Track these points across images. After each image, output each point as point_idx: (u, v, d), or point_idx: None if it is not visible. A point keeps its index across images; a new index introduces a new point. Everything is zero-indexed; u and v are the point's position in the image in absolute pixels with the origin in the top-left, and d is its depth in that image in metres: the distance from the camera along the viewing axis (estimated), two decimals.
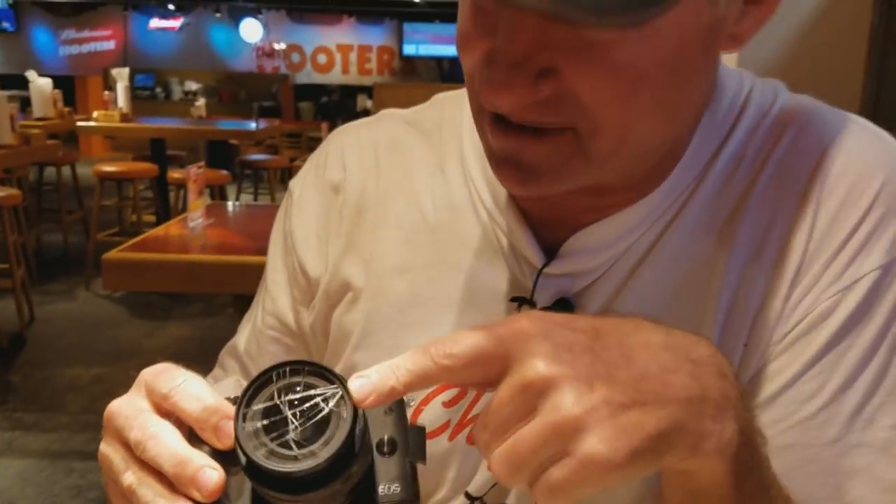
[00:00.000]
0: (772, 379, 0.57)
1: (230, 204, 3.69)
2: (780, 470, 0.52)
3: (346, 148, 0.74)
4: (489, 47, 0.50)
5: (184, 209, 5.86)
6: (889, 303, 0.55)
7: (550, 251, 0.62)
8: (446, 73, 13.03)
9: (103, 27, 13.05)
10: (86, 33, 13.04)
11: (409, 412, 0.63)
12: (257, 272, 0.81)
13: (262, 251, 0.80)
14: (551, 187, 0.55)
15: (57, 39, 13.01)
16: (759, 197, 0.58)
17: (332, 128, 0.79)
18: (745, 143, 0.60)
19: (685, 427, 0.41)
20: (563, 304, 0.61)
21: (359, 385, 0.41)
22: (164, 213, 5.97)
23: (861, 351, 0.55)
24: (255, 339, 0.76)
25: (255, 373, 0.42)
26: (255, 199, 7.52)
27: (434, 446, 0.65)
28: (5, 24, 12.72)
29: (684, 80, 0.52)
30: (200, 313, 4.75)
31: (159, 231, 2.56)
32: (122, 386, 0.49)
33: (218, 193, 5.74)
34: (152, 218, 6.03)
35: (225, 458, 0.43)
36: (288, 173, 7.03)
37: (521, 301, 0.63)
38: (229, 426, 0.43)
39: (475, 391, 0.64)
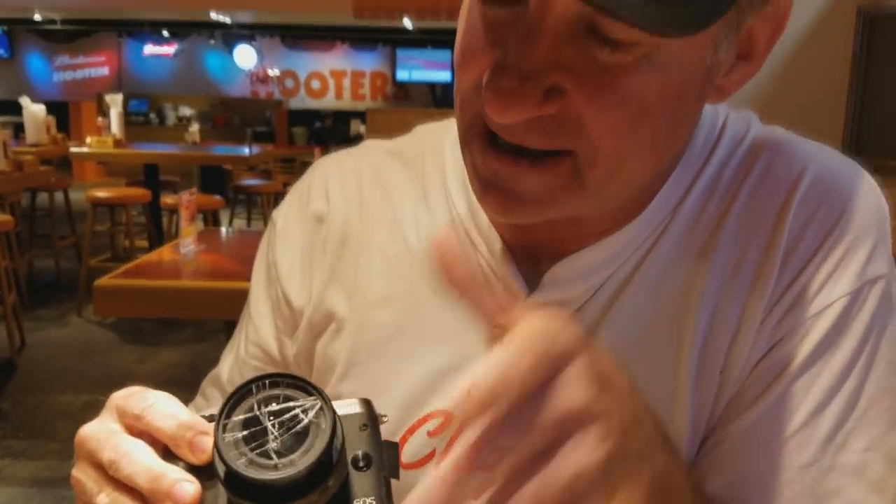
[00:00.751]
0: (748, 402, 0.58)
1: (222, 230, 3.70)
2: (756, 493, 0.54)
3: (329, 178, 0.74)
4: (496, 60, 0.49)
5: (177, 234, 5.89)
6: (859, 327, 0.57)
7: (530, 280, 0.63)
8: (439, 99, 13.12)
9: (97, 53, 13.13)
10: (80, 59, 13.11)
11: (398, 436, 0.64)
12: (243, 297, 0.80)
13: (247, 276, 0.80)
14: (537, 215, 0.55)
15: (51, 65, 13.08)
16: (731, 225, 0.60)
17: (325, 153, 0.80)
18: (719, 173, 0.62)
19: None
20: None
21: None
22: (157, 238, 5.98)
23: (833, 375, 0.56)
24: (238, 368, 0.76)
25: None
26: (249, 224, 7.54)
27: (418, 477, 0.65)
28: (0, 51, 12.80)
29: (679, 122, 0.54)
30: (192, 339, 4.73)
31: (151, 257, 2.56)
32: None
33: (211, 218, 5.75)
34: (145, 243, 6.03)
35: (199, 473, 0.43)
36: (281, 198, 7.04)
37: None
38: (204, 441, 0.43)
39: (460, 421, 0.65)
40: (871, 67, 1.64)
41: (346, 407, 0.45)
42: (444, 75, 12.91)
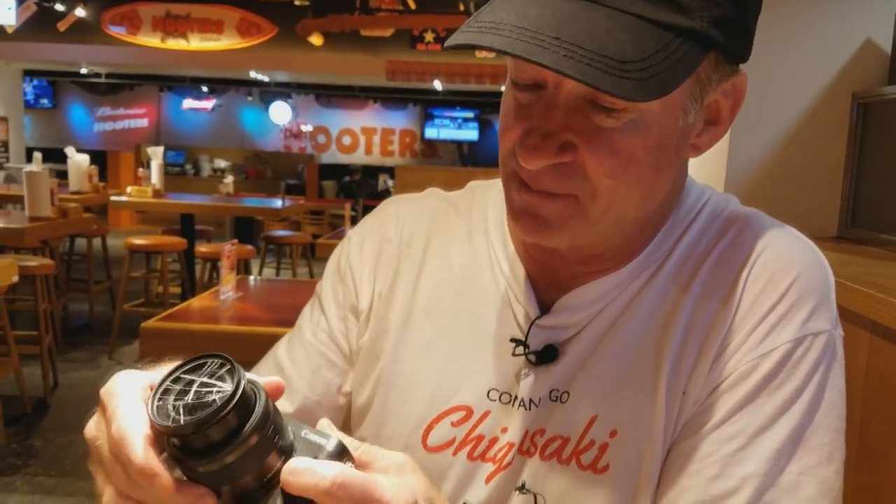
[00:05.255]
0: (702, 421, 0.69)
1: (256, 279, 3.82)
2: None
3: (400, 211, 0.91)
4: (525, 128, 0.67)
5: (209, 282, 6.02)
6: (803, 370, 0.68)
7: (546, 307, 0.78)
8: (465, 157, 13.36)
9: (138, 105, 13.56)
10: (121, 111, 13.55)
11: (421, 429, 0.78)
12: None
13: (285, 322, 0.91)
14: (556, 236, 0.70)
15: (92, 116, 13.51)
16: (702, 277, 0.74)
17: (354, 206, 0.95)
18: (700, 235, 0.77)
19: None
20: (550, 350, 0.76)
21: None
22: (191, 285, 6.12)
23: (775, 406, 0.67)
24: (304, 349, 0.87)
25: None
26: (277, 274, 7.67)
27: (439, 459, 0.78)
28: (44, 101, 13.27)
29: (661, 169, 0.69)
30: None
31: (192, 303, 2.68)
32: None
33: (242, 267, 5.88)
34: (178, 289, 6.17)
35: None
36: (311, 249, 7.19)
37: (517, 342, 0.77)
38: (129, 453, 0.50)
39: (480, 413, 0.78)
40: (865, 148, 1.74)
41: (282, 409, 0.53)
42: (470, 134, 13.17)
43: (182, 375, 0.50)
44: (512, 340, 0.78)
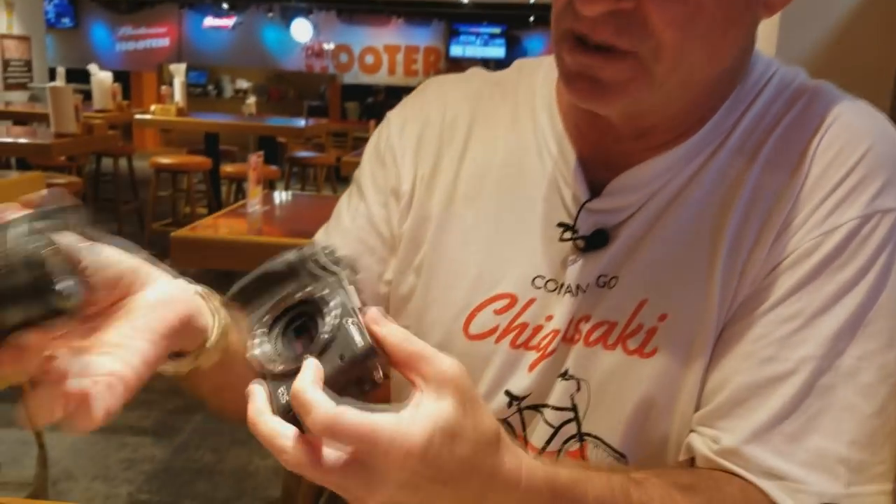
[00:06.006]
0: (758, 302, 0.66)
1: (282, 193, 3.81)
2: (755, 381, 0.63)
3: (443, 93, 0.86)
4: None
5: (235, 202, 6.02)
6: (868, 250, 0.64)
7: (597, 189, 0.73)
8: None
9: (159, 24, 13.38)
10: (142, 30, 13.38)
11: (462, 317, 0.75)
12: None
13: (313, 234, 0.87)
14: (616, 101, 0.65)
15: (114, 36, 13.37)
16: (767, 151, 0.69)
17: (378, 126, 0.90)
18: (766, 108, 0.71)
19: None
20: (600, 235, 0.72)
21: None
22: (217, 205, 6.13)
23: (837, 286, 0.63)
24: (342, 236, 0.84)
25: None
26: None
27: (481, 347, 0.75)
28: (65, 20, 13.12)
29: (730, 24, 0.63)
30: None
31: (220, 215, 2.67)
32: None
33: (268, 188, 5.87)
34: (204, 210, 6.19)
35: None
36: (335, 171, 7.15)
37: (565, 227, 0.73)
38: None
39: (524, 301, 0.74)
40: None
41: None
42: (497, 52, 12.87)
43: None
44: (559, 225, 0.74)
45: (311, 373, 0.47)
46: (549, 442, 0.74)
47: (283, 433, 0.47)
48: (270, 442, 0.47)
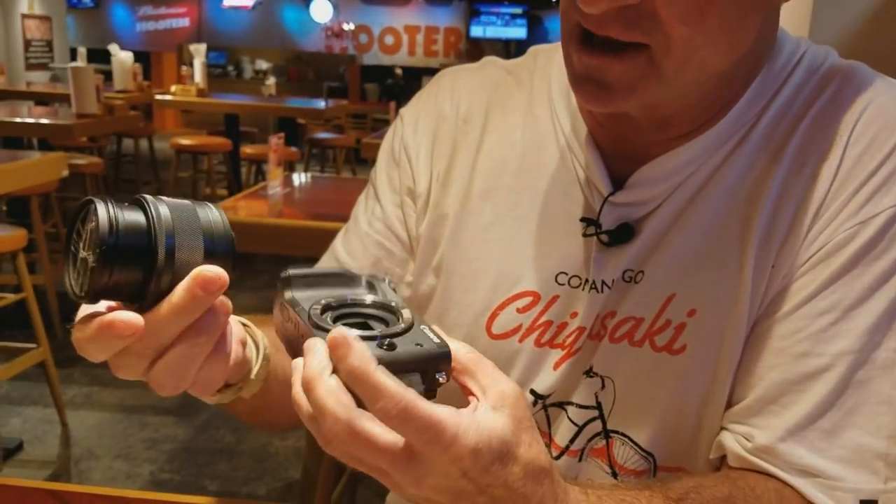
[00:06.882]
0: (791, 296, 0.63)
1: (302, 175, 3.80)
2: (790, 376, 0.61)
3: (456, 85, 0.83)
4: None
5: (255, 184, 6.03)
6: None
7: (619, 182, 0.70)
8: (512, 58, 12.98)
9: (179, 4, 13.37)
10: (162, 10, 13.38)
11: (484, 318, 0.73)
12: (330, 236, 0.87)
13: (333, 217, 0.86)
14: (624, 103, 0.62)
15: (134, 16, 13.38)
16: (798, 141, 0.65)
17: (398, 108, 0.87)
18: (795, 94, 0.67)
19: None
20: (625, 229, 0.69)
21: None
22: (237, 186, 6.14)
23: (873, 277, 0.60)
24: (361, 240, 0.83)
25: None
26: None
27: (504, 346, 0.73)
28: (86, 0, 13.15)
29: (746, 12, 0.59)
30: (268, 285, 4.88)
31: (240, 197, 2.66)
32: None
33: (287, 170, 5.87)
34: (225, 192, 6.21)
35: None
36: (355, 153, 7.13)
37: (588, 222, 0.70)
38: None
39: (547, 299, 0.72)
40: None
41: None
42: (518, 32, 12.75)
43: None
44: (582, 220, 0.71)
45: (368, 354, 0.43)
46: (573, 440, 0.72)
47: (342, 400, 0.43)
48: (324, 403, 0.43)
